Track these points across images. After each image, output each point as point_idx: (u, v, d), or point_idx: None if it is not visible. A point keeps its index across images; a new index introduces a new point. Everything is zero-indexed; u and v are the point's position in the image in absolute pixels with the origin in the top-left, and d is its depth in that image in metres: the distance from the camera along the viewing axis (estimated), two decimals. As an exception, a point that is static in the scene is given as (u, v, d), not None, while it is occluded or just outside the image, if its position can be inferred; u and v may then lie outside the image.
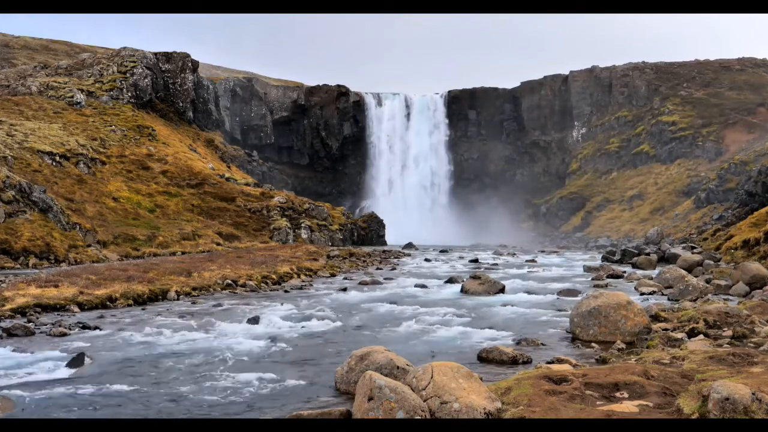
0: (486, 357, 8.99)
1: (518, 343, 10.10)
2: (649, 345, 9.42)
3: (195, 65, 67.27)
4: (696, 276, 19.66)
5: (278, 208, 45.95)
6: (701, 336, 9.75)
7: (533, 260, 33.04)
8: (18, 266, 23.58)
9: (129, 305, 14.85)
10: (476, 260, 32.96)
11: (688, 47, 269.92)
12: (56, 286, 15.32)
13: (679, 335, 9.75)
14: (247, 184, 51.43)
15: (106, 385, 7.60)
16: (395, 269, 27.73)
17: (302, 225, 45.19)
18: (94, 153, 44.40)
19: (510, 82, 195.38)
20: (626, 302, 10.47)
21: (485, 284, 17.76)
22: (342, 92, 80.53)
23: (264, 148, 76.68)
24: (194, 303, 15.56)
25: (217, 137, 68.55)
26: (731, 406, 4.90)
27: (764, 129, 63.43)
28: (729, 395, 4.95)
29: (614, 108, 78.38)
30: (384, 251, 40.75)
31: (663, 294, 16.67)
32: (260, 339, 10.60)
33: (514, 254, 40.36)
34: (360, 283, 20.86)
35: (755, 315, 10.93)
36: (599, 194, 71.07)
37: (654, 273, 22.49)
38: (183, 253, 31.99)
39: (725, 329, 10.07)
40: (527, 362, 8.71)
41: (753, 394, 4.96)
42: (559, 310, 13.79)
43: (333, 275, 24.38)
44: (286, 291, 18.65)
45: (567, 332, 11.08)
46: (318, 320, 12.58)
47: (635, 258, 28.90)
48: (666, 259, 28.21)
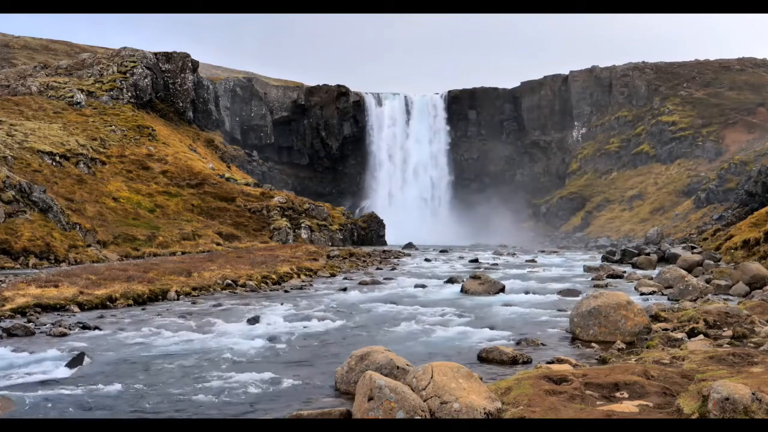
0: (486, 357, 8.99)
1: (518, 343, 10.09)
2: (649, 345, 9.41)
3: (195, 65, 67.27)
4: (696, 276, 19.66)
5: (278, 208, 45.94)
6: (701, 336, 9.75)
7: (533, 260, 33.06)
8: (18, 266, 23.57)
9: (129, 305, 14.85)
10: (476, 260, 32.97)
11: (688, 47, 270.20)
12: (56, 286, 15.32)
13: (679, 335, 9.75)
14: (247, 184, 51.42)
15: (106, 386, 7.60)
16: (395, 269, 27.73)
17: (302, 225, 45.18)
18: (94, 153, 44.40)
19: (510, 82, 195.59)
20: (626, 302, 10.47)
21: (485, 284, 17.76)
22: (342, 92, 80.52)
23: (264, 148, 76.67)
24: (194, 303, 15.56)
25: (217, 137, 68.53)
26: (731, 406, 4.89)
27: (764, 129, 63.41)
28: (729, 395, 4.95)
29: (614, 108, 78.39)
30: (384, 251, 40.75)
31: (663, 294, 16.66)
32: (260, 339, 10.60)
33: (514, 254, 40.37)
34: (360, 283, 20.86)
35: (755, 315, 10.93)
36: (599, 194, 71.07)
37: (654, 273, 22.49)
38: (183, 253, 31.99)
39: (725, 329, 10.06)
40: (527, 362, 8.71)
41: (753, 394, 4.95)
42: (559, 310, 13.79)
43: (333, 275, 24.39)
44: (286, 291, 18.65)
45: (567, 332, 11.07)
46: (318, 320, 12.58)
47: (635, 258, 28.91)
48: (666, 259, 28.22)
